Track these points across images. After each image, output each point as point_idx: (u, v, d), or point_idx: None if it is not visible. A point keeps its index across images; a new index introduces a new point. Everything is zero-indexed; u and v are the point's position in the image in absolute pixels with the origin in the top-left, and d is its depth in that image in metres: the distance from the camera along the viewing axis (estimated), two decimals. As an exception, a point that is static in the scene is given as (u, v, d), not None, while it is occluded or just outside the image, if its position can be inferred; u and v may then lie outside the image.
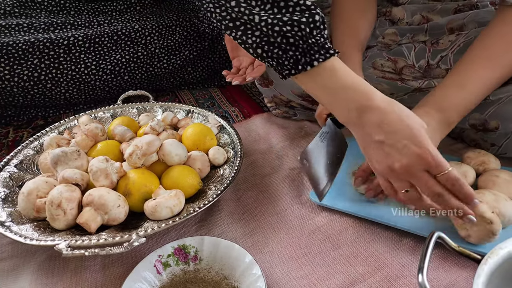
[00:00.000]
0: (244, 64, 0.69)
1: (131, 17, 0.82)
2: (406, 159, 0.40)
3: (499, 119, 0.54)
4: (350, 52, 0.60)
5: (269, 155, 0.64)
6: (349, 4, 0.64)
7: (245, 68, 0.68)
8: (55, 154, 0.47)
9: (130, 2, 0.86)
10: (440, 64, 0.61)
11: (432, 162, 0.39)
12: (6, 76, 0.68)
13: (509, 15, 0.51)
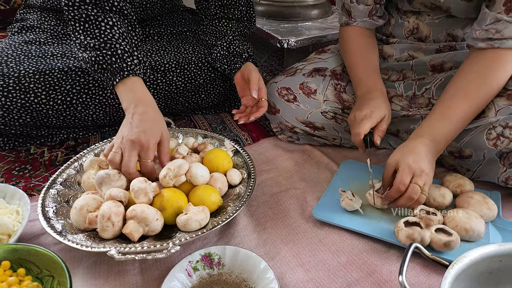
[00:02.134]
0: (250, 103, 0.80)
1: (151, 47, 0.92)
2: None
3: (472, 148, 0.64)
4: (367, 73, 0.73)
5: (276, 176, 0.73)
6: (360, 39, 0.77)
7: (250, 107, 0.79)
8: (100, 176, 0.56)
9: (149, 33, 0.96)
10: (424, 95, 0.72)
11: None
12: (43, 100, 0.77)
13: (479, 56, 0.62)
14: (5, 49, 0.79)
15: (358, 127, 0.64)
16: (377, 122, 0.65)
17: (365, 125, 0.63)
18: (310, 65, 0.84)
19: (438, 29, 0.73)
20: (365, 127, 0.63)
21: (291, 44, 1.08)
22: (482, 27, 0.60)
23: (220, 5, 0.88)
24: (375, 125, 0.65)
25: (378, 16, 0.77)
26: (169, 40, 0.95)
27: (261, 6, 1.32)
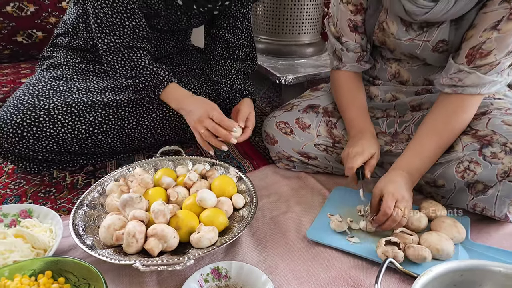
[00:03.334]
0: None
1: None
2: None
3: (444, 179, 0.74)
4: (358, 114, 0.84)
5: (275, 200, 0.83)
6: (349, 83, 0.88)
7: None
8: (124, 199, 0.65)
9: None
10: (404, 131, 0.83)
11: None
12: (69, 130, 0.86)
13: (446, 100, 0.73)
14: (36, 84, 0.89)
15: (351, 162, 0.74)
16: (368, 158, 0.76)
17: (357, 161, 0.74)
18: (305, 102, 0.95)
19: (417, 75, 0.85)
20: (357, 162, 0.74)
21: (288, 81, 1.20)
22: (448, 75, 0.72)
23: (226, 47, 1.00)
24: (366, 160, 0.75)
25: (365, 62, 0.88)
26: (180, 76, 1.06)
27: (261, 44, 1.46)
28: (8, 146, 0.82)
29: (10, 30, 1.32)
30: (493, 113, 0.72)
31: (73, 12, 0.98)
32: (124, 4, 0.79)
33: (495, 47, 0.66)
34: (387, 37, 0.80)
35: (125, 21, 0.81)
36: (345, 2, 0.82)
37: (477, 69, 0.68)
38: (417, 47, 0.77)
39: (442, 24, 0.72)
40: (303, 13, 1.38)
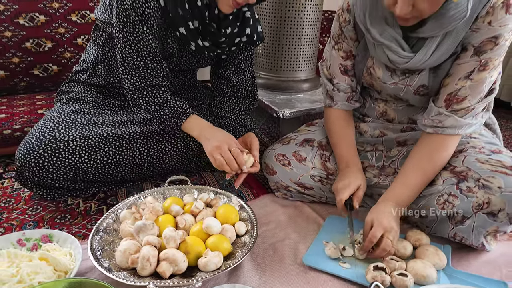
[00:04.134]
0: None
1: None
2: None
3: (427, 210, 0.82)
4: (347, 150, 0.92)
5: (274, 228, 0.90)
6: (340, 121, 0.96)
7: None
8: (138, 226, 0.72)
9: None
10: (391, 165, 0.92)
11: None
12: (85, 160, 0.94)
13: (428, 139, 0.82)
14: (56, 117, 0.97)
15: (340, 195, 0.82)
16: (355, 190, 0.84)
17: (345, 193, 0.82)
18: (301, 136, 1.04)
19: (402, 114, 0.94)
20: (345, 194, 0.82)
21: (286, 115, 1.30)
22: (429, 117, 0.81)
23: (231, 85, 1.10)
24: (353, 192, 0.83)
25: (355, 101, 0.98)
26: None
27: (261, 79, 1.56)
28: (29, 175, 0.89)
29: (28, 64, 1.43)
30: (468, 151, 0.81)
31: (92, 52, 1.08)
32: (147, 49, 0.89)
33: (469, 93, 0.76)
34: (374, 80, 0.90)
35: (148, 63, 0.91)
36: (337, 49, 0.93)
37: (454, 113, 0.78)
38: (400, 90, 0.87)
39: (422, 72, 0.82)
40: (299, 52, 1.50)
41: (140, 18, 0.86)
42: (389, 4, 0.69)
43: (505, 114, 1.95)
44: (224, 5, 0.86)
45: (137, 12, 0.85)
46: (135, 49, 0.89)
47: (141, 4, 0.84)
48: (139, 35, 0.87)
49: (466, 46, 0.75)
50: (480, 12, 0.71)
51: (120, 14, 0.86)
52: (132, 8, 0.84)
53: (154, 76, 0.92)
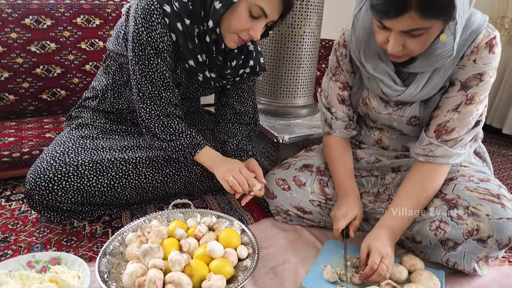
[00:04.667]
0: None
1: None
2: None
3: (421, 236, 0.85)
4: (345, 177, 0.97)
5: (274, 252, 0.93)
6: (339, 148, 1.01)
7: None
8: (145, 249, 0.75)
9: None
10: (385, 192, 0.96)
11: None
12: (93, 184, 0.97)
13: (420, 167, 0.87)
14: (66, 142, 1.02)
15: (337, 224, 0.87)
16: (352, 219, 0.88)
17: (342, 223, 0.86)
18: (300, 161, 1.08)
19: (396, 142, 0.99)
20: (342, 224, 0.86)
21: (285, 140, 1.35)
22: (421, 146, 0.86)
23: (234, 113, 1.15)
24: (350, 221, 0.87)
25: (352, 129, 1.03)
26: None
27: (261, 105, 1.62)
28: (38, 198, 0.93)
29: (37, 89, 1.48)
30: (458, 180, 0.85)
31: (102, 80, 1.14)
32: (161, 79, 0.95)
33: (457, 125, 0.81)
34: (369, 110, 0.96)
35: (162, 93, 0.96)
36: (335, 80, 0.99)
37: (444, 143, 0.83)
38: (394, 120, 0.92)
39: (413, 104, 0.88)
40: (298, 80, 1.57)
41: (155, 51, 0.92)
42: (381, 42, 0.75)
43: (497, 140, 2.01)
44: (230, 41, 0.92)
45: (152, 46, 0.91)
46: (150, 80, 0.94)
47: (156, 39, 0.91)
48: (154, 67, 0.93)
49: (453, 82, 0.81)
50: (465, 51, 0.77)
51: (136, 48, 0.92)
52: (147, 42, 0.91)
53: (168, 104, 0.98)
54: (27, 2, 1.43)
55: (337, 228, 0.86)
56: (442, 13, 0.64)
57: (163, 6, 0.89)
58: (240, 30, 0.89)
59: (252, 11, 0.85)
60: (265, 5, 0.84)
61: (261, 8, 0.84)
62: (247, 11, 0.85)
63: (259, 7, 0.84)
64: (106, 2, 1.57)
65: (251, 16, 0.86)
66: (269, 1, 0.84)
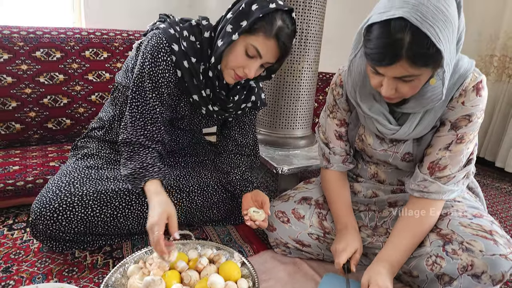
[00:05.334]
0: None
1: (180, 173, 1.19)
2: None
3: (417, 270, 0.87)
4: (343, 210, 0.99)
5: (273, 284, 0.94)
6: (337, 181, 1.04)
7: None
8: (147, 281, 0.76)
9: (178, 161, 1.25)
10: (383, 225, 0.98)
11: None
12: (96, 213, 0.99)
13: (416, 202, 0.90)
14: (72, 172, 1.04)
15: (338, 258, 0.89)
16: (352, 253, 0.90)
17: (343, 257, 0.88)
18: (299, 194, 1.11)
19: (391, 176, 1.03)
20: (343, 258, 0.88)
21: (284, 171, 1.38)
22: (416, 182, 0.90)
23: (235, 144, 1.19)
24: (350, 256, 0.90)
25: (349, 163, 1.07)
26: (193, 166, 1.23)
27: (261, 135, 1.67)
28: (42, 228, 0.94)
29: (43, 118, 1.52)
30: (452, 215, 0.88)
31: (109, 111, 1.18)
32: (150, 113, 0.98)
33: (449, 163, 0.85)
34: (365, 146, 1.00)
35: (147, 125, 0.99)
36: (332, 117, 1.04)
37: (438, 180, 0.87)
38: (389, 156, 0.96)
39: (407, 141, 0.92)
40: (296, 112, 1.62)
41: (153, 85, 0.97)
42: (375, 86, 0.80)
43: (490, 173, 2.06)
44: (227, 76, 0.98)
45: (152, 79, 0.96)
46: (141, 111, 0.98)
47: (157, 74, 0.96)
48: (147, 100, 0.97)
49: (444, 122, 0.86)
50: (454, 94, 0.82)
51: (136, 80, 0.97)
52: (148, 75, 0.96)
53: (148, 138, 0.99)
54: (39, 36, 1.50)
55: (339, 262, 0.88)
56: (431, 62, 0.69)
57: (171, 45, 0.95)
58: (236, 67, 0.94)
59: (248, 51, 0.91)
60: (260, 47, 0.90)
61: (256, 49, 0.90)
62: (243, 50, 0.91)
63: (255, 47, 0.90)
64: (114, 36, 1.65)
65: (247, 55, 0.91)
66: (265, 43, 0.90)
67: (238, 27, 0.89)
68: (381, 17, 0.69)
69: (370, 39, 0.72)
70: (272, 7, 0.88)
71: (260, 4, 0.89)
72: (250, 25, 0.88)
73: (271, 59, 0.94)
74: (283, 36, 0.90)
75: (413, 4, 0.66)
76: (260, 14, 0.87)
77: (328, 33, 1.86)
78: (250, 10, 0.89)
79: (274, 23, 0.89)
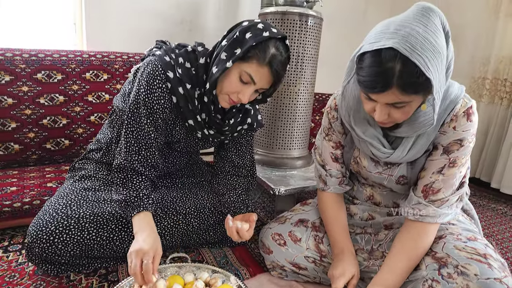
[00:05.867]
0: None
1: (177, 194, 1.19)
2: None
3: (414, 294, 0.87)
4: (340, 234, 0.99)
5: (270, 309, 0.93)
6: (333, 204, 1.05)
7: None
8: (143, 305, 0.76)
9: (175, 182, 1.26)
10: (379, 249, 0.99)
11: None
12: (92, 236, 0.99)
13: (411, 225, 0.90)
14: (69, 194, 1.05)
15: (335, 283, 0.89)
16: (349, 278, 0.90)
17: (340, 282, 0.89)
18: (296, 216, 1.12)
19: (387, 198, 1.04)
20: (340, 283, 0.89)
21: (281, 192, 1.39)
22: (410, 205, 0.91)
23: (232, 166, 1.20)
24: (348, 281, 0.90)
25: (345, 184, 1.08)
26: (190, 188, 1.23)
27: (258, 156, 1.68)
28: (38, 251, 0.94)
29: (42, 139, 1.54)
30: (447, 238, 0.89)
31: (107, 133, 1.20)
32: (145, 139, 1.00)
33: (443, 186, 0.87)
34: (360, 169, 1.01)
35: (141, 151, 1.00)
36: (328, 140, 1.05)
37: (432, 203, 0.88)
38: (384, 179, 0.98)
39: (401, 164, 0.94)
40: (293, 132, 1.64)
41: (148, 111, 0.98)
42: (369, 111, 0.83)
43: (486, 194, 2.07)
44: (222, 101, 1.00)
45: (147, 106, 0.98)
46: (136, 136, 0.99)
47: (152, 101, 0.98)
48: (142, 126, 0.99)
49: (436, 146, 0.87)
50: (446, 119, 0.85)
51: (132, 106, 0.99)
52: (143, 102, 0.98)
53: (141, 164, 1.00)
54: (41, 58, 1.53)
55: (336, 287, 0.88)
56: (421, 90, 0.72)
57: (166, 72, 0.98)
58: (231, 92, 0.96)
59: (242, 77, 0.93)
60: (253, 73, 0.92)
61: (249, 75, 0.92)
62: (237, 77, 0.93)
63: (248, 74, 0.92)
64: (114, 58, 1.68)
65: (241, 81, 0.94)
66: (258, 71, 0.92)
67: (232, 55, 0.92)
68: (372, 46, 0.72)
69: (363, 67, 0.74)
70: (266, 36, 0.91)
71: (253, 32, 0.92)
72: (244, 53, 0.90)
73: (265, 85, 0.96)
74: (276, 64, 0.92)
75: (403, 35, 0.69)
76: (254, 42, 0.90)
77: (323, 56, 1.91)
78: (244, 38, 0.92)
79: (267, 51, 0.91)
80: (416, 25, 0.70)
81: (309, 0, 1.52)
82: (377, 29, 0.74)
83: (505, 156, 1.98)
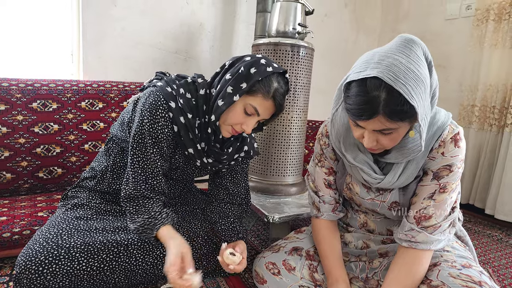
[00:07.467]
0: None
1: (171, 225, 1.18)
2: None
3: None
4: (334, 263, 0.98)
5: None
6: (327, 231, 1.04)
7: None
8: None
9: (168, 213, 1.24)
10: (374, 277, 0.97)
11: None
12: (83, 267, 0.97)
13: (405, 253, 0.90)
14: (60, 223, 1.03)
15: None
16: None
17: None
18: (290, 244, 1.10)
19: (381, 225, 1.04)
20: None
21: (275, 220, 1.38)
22: (403, 231, 0.91)
23: (227, 193, 1.20)
24: None
25: (339, 211, 1.08)
26: (183, 216, 1.22)
27: (252, 183, 1.68)
28: (26, 282, 0.91)
29: (34, 167, 1.53)
30: (442, 265, 0.88)
31: (102, 161, 1.20)
32: (151, 168, 1.02)
33: (434, 212, 0.87)
34: (353, 195, 1.02)
35: (148, 179, 1.02)
36: (320, 166, 1.06)
37: (424, 229, 0.88)
38: (376, 205, 0.98)
39: (393, 190, 0.94)
40: (287, 159, 1.66)
41: (153, 141, 1.01)
42: (358, 137, 0.84)
43: (481, 220, 2.06)
44: (225, 131, 1.04)
45: (152, 136, 1.00)
46: (142, 165, 1.01)
47: (156, 130, 1.00)
48: (148, 155, 1.01)
49: (426, 171, 0.89)
50: (434, 145, 0.87)
51: (137, 136, 1.00)
52: (148, 132, 1.00)
53: (150, 191, 1.03)
54: (37, 88, 1.55)
55: None
56: (406, 117, 0.74)
57: (169, 102, 1.01)
58: (234, 124, 1.00)
59: (246, 109, 0.98)
60: (258, 106, 0.98)
61: (254, 108, 0.98)
62: (242, 109, 0.98)
63: (253, 107, 0.98)
64: (110, 88, 1.71)
65: (245, 113, 0.99)
66: (263, 104, 0.98)
67: (238, 89, 0.96)
68: (358, 75, 0.75)
69: (350, 96, 0.77)
70: (269, 71, 0.97)
71: (258, 68, 0.97)
72: (250, 87, 0.96)
73: (267, 116, 1.02)
74: (278, 96, 0.99)
75: (386, 65, 0.72)
76: (260, 77, 0.95)
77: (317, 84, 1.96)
78: (249, 73, 0.97)
79: (271, 85, 0.98)
80: (399, 55, 0.73)
81: (300, 32, 1.58)
82: (363, 59, 0.78)
83: (497, 182, 1.99)
